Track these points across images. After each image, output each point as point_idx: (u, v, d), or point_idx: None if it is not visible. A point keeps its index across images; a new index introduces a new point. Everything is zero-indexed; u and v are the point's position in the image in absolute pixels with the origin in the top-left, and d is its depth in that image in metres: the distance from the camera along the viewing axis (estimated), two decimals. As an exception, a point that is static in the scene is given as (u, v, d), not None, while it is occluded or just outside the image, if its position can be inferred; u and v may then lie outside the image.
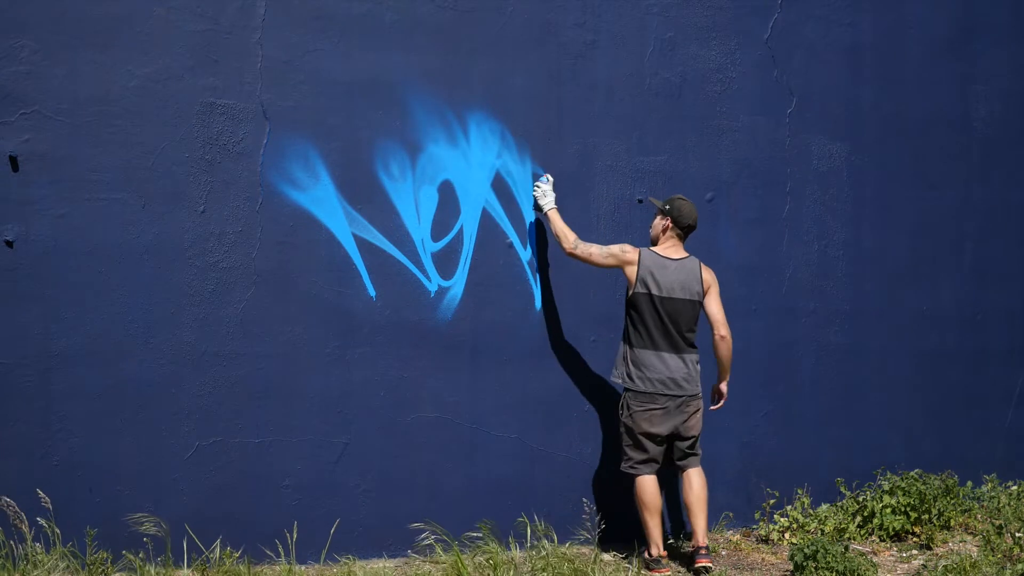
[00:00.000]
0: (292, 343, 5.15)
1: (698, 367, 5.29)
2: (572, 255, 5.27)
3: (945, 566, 5.09)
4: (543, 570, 4.80)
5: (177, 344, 4.98)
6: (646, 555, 5.24)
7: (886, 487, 5.94)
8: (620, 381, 5.30)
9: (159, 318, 4.94)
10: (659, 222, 5.34)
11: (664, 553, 5.24)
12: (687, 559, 5.34)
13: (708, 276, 5.31)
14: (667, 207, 5.29)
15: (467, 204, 5.45)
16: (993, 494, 6.18)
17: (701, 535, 5.21)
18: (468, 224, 5.46)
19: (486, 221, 5.48)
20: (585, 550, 5.28)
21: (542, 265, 5.57)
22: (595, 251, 5.26)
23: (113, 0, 4.87)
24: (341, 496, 5.22)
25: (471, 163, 5.44)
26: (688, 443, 5.28)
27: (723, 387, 5.46)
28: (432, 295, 5.39)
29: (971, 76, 6.58)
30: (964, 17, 6.56)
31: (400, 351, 5.32)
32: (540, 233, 5.57)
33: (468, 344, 5.44)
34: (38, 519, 4.59)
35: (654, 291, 5.16)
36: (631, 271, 5.21)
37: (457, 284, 5.43)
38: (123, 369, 4.90)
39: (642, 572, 5.10)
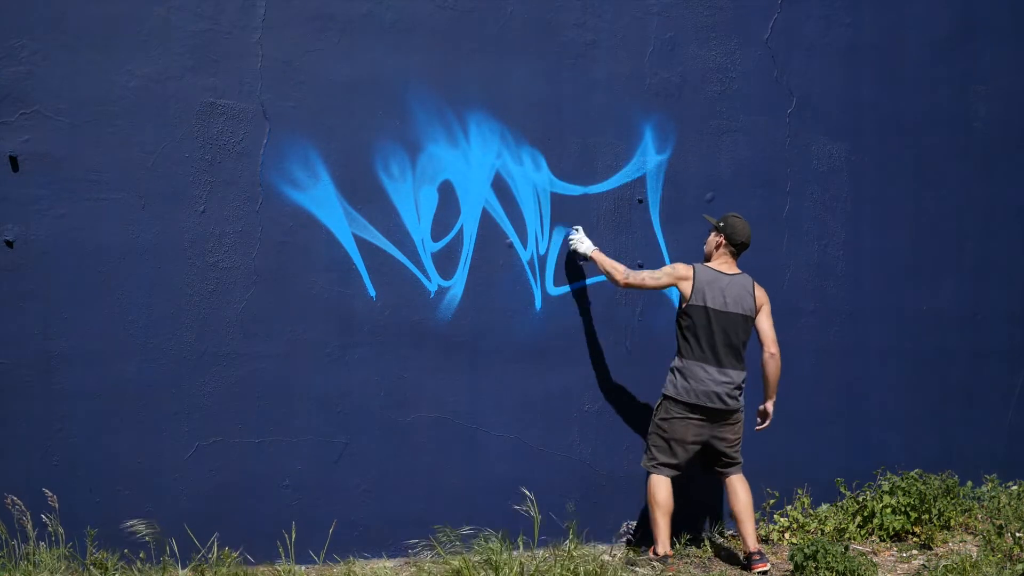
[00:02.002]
0: (292, 343, 5.15)
1: (743, 384, 5.33)
2: (627, 286, 5.35)
3: (945, 566, 5.09)
4: (546, 571, 4.80)
5: (177, 344, 4.98)
6: (651, 553, 5.26)
7: (886, 487, 5.94)
8: (669, 386, 5.31)
9: (159, 318, 4.95)
10: (713, 238, 5.42)
11: (671, 552, 5.25)
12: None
13: (760, 294, 5.37)
14: (721, 224, 5.36)
15: (467, 204, 5.45)
16: (993, 494, 6.18)
17: (752, 540, 5.27)
18: (468, 224, 5.46)
19: (486, 221, 5.48)
20: (586, 550, 5.27)
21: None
22: (647, 276, 5.34)
23: (113, 0, 4.87)
24: (341, 496, 5.22)
25: (471, 163, 5.44)
26: (726, 452, 5.31)
27: (769, 407, 5.45)
28: (432, 295, 5.39)
29: (971, 76, 6.57)
30: (964, 17, 6.55)
31: (400, 351, 5.32)
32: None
33: (468, 344, 5.44)
34: (42, 516, 4.59)
35: (709, 304, 5.21)
36: (686, 285, 5.27)
37: (457, 284, 5.44)
38: (123, 369, 4.90)
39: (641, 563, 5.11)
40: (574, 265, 5.62)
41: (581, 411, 5.66)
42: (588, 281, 5.66)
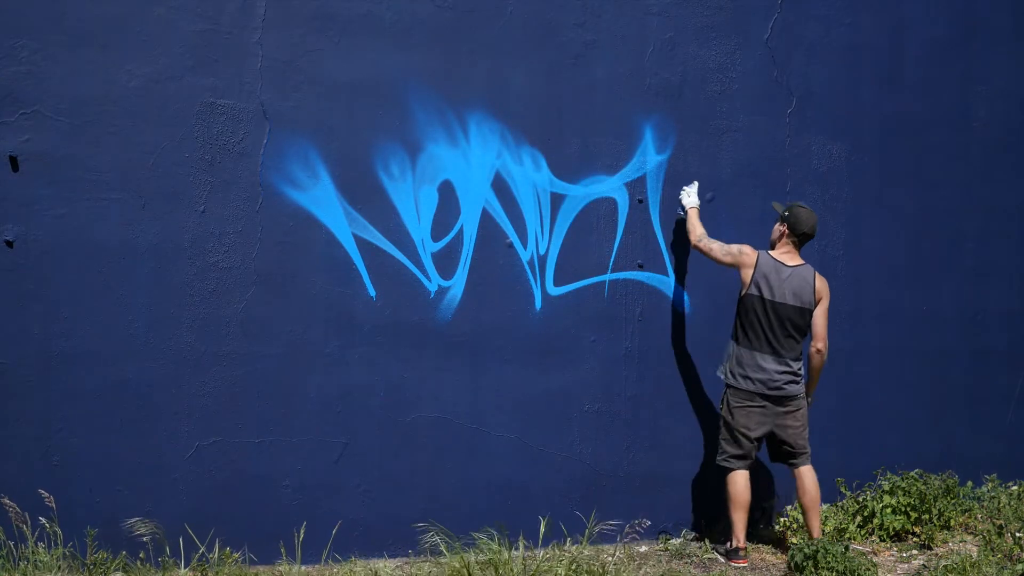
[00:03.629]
0: (292, 343, 5.15)
1: (801, 372, 5.39)
2: (696, 247, 5.52)
3: (945, 566, 5.08)
4: (547, 571, 4.80)
5: (177, 344, 4.98)
6: (727, 546, 5.41)
7: (886, 487, 5.94)
8: (723, 377, 5.43)
9: (159, 318, 4.95)
10: (777, 228, 5.49)
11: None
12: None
13: (821, 286, 5.40)
14: (786, 213, 5.41)
15: (467, 204, 5.45)
16: (993, 494, 6.17)
17: (816, 533, 5.40)
18: (468, 224, 5.46)
19: (486, 221, 5.48)
20: (587, 549, 5.26)
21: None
22: (716, 247, 5.44)
23: (113, 0, 4.87)
24: (341, 496, 5.22)
25: (471, 163, 5.44)
26: (795, 442, 5.37)
27: (809, 399, 5.54)
28: (432, 295, 5.39)
29: (971, 76, 6.57)
30: (964, 17, 6.55)
31: (400, 351, 5.32)
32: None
33: (468, 344, 5.44)
34: (40, 519, 4.58)
35: (766, 295, 5.27)
36: (746, 273, 5.34)
37: (457, 284, 5.43)
38: (123, 369, 4.90)
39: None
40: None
41: (581, 411, 5.66)
42: (587, 281, 5.66)
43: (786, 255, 5.40)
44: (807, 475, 5.41)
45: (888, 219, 6.36)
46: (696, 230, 5.52)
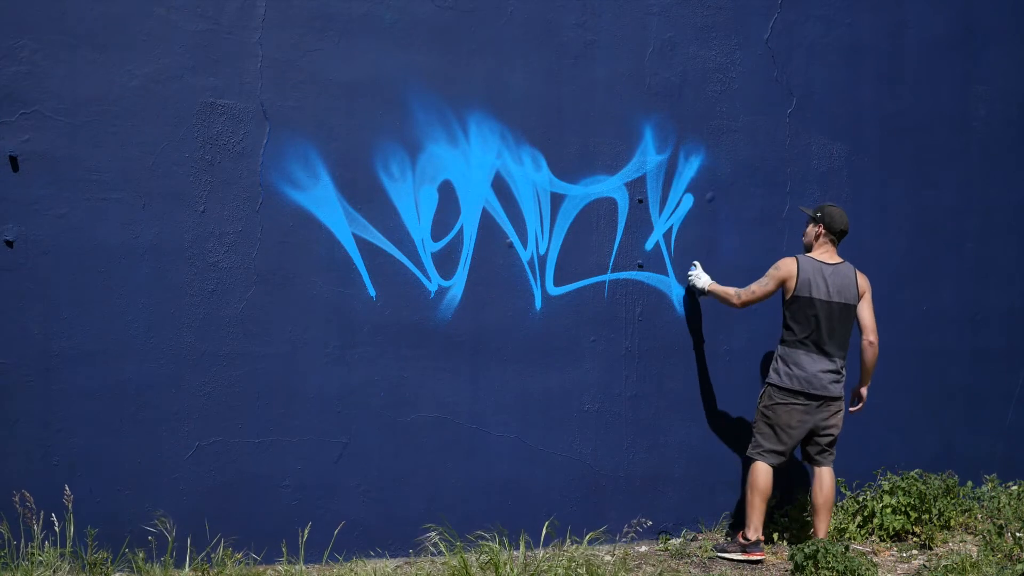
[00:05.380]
0: (292, 343, 5.15)
1: (844, 371, 5.46)
2: (743, 305, 5.51)
3: (945, 566, 5.08)
4: (547, 571, 4.80)
5: (177, 344, 4.98)
6: (741, 539, 5.37)
7: (886, 487, 5.94)
8: (772, 374, 5.43)
9: (159, 318, 4.95)
10: (812, 229, 5.53)
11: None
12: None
13: (863, 282, 5.49)
14: (818, 214, 5.47)
15: (467, 204, 5.45)
16: (993, 494, 6.17)
17: (823, 535, 5.41)
18: (468, 224, 5.45)
19: (486, 221, 5.48)
20: (587, 549, 5.27)
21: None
22: (757, 289, 5.46)
23: (113, 0, 4.87)
24: (341, 496, 5.22)
25: (471, 163, 5.44)
26: (826, 441, 5.42)
27: (864, 391, 5.64)
28: (432, 295, 5.39)
29: (971, 76, 6.57)
30: (964, 17, 6.55)
31: (400, 351, 5.32)
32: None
33: (468, 344, 5.44)
34: (40, 514, 4.59)
35: (815, 295, 5.32)
36: (791, 282, 5.37)
37: (457, 284, 5.43)
38: (123, 369, 4.90)
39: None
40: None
41: (581, 411, 5.66)
42: (587, 281, 5.66)
43: (825, 254, 5.46)
44: (827, 476, 5.45)
45: (888, 219, 6.36)
46: (730, 293, 5.52)
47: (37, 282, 4.78)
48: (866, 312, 5.50)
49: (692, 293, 5.79)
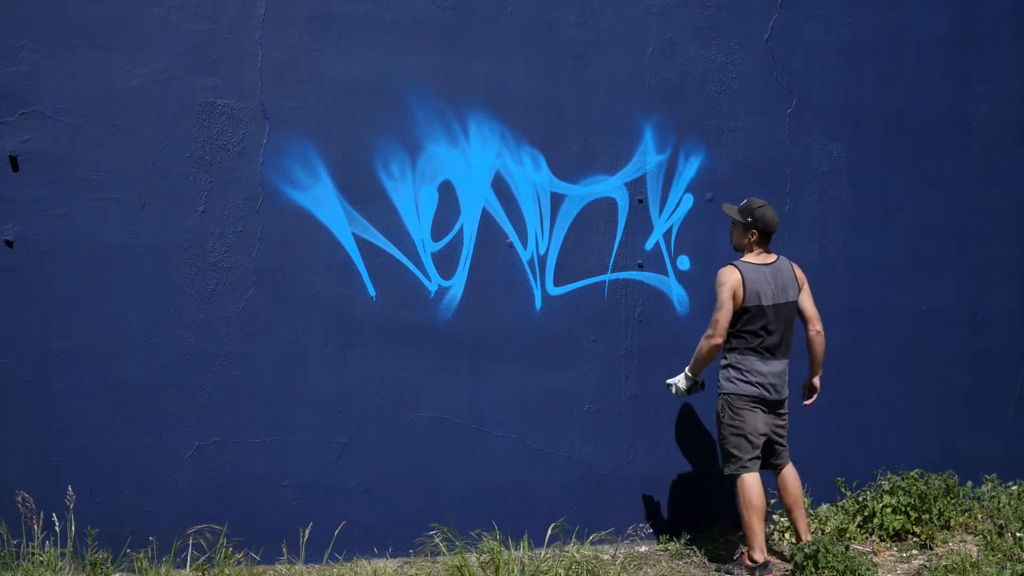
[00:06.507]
0: (292, 343, 5.15)
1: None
2: (723, 335, 5.13)
3: (945, 566, 5.08)
4: (547, 571, 4.80)
5: (177, 344, 4.98)
6: (748, 560, 5.14)
7: (886, 487, 5.94)
8: (727, 384, 5.18)
9: (159, 318, 4.95)
10: (744, 233, 5.24)
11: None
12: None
13: (800, 274, 5.34)
14: (750, 219, 5.18)
15: (467, 204, 5.45)
16: (993, 494, 6.17)
17: (805, 533, 5.30)
18: (468, 224, 5.46)
19: (486, 221, 5.48)
20: (587, 549, 5.27)
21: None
22: (721, 318, 5.12)
23: (113, 0, 4.88)
24: (341, 496, 5.22)
25: (471, 163, 5.44)
26: (780, 443, 5.31)
27: (816, 381, 5.48)
28: (432, 295, 5.39)
29: (971, 76, 6.57)
30: (964, 17, 6.55)
31: (400, 351, 5.32)
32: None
33: (468, 344, 5.44)
34: (52, 516, 4.60)
35: (764, 301, 5.13)
36: (739, 292, 5.12)
37: (457, 284, 5.44)
38: (123, 369, 4.90)
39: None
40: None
41: (581, 411, 5.66)
42: (587, 281, 5.66)
43: (760, 256, 5.23)
44: (790, 474, 5.32)
45: (888, 219, 6.36)
46: (703, 346, 5.17)
47: (37, 282, 4.78)
48: (808, 303, 5.31)
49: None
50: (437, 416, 5.39)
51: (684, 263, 5.83)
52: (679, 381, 5.36)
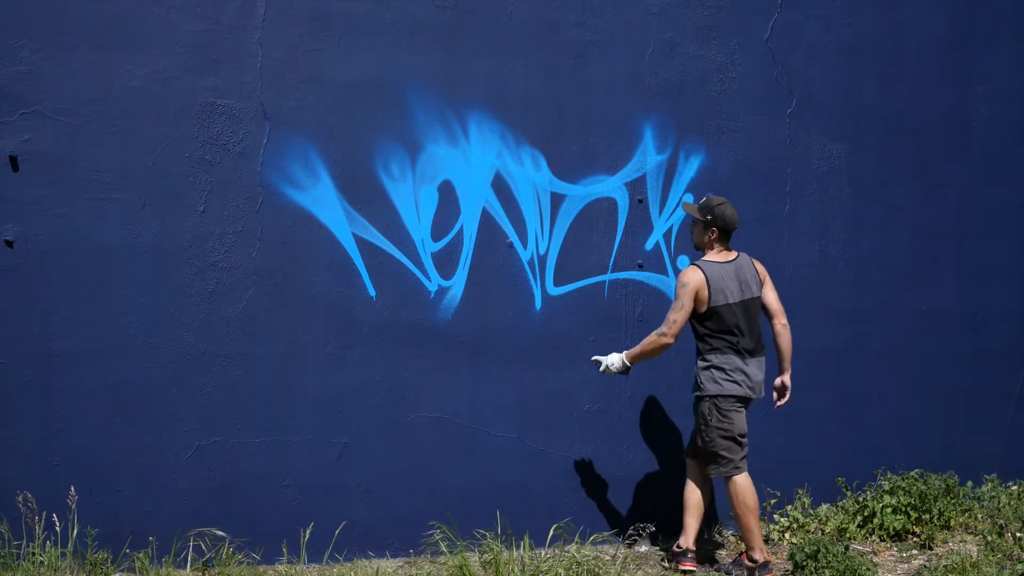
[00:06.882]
0: (292, 343, 5.15)
1: None
2: (674, 337, 5.08)
3: (945, 566, 5.09)
4: (547, 571, 4.80)
5: (177, 344, 4.98)
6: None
7: (886, 487, 5.94)
8: (712, 386, 5.09)
9: (159, 318, 4.95)
10: (704, 231, 5.19)
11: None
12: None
13: (761, 269, 5.29)
14: (709, 217, 5.13)
15: (467, 204, 5.45)
16: (993, 494, 6.17)
17: (759, 547, 5.14)
18: (468, 224, 5.46)
19: (486, 221, 5.48)
20: (587, 549, 5.27)
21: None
22: (678, 317, 5.07)
23: (113, 0, 4.88)
24: (342, 496, 5.22)
25: (471, 163, 5.44)
26: (746, 441, 5.20)
27: (787, 379, 5.35)
28: (432, 295, 5.39)
29: (971, 76, 6.57)
30: (964, 17, 6.55)
31: (400, 351, 5.32)
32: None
33: (468, 344, 5.44)
34: (52, 516, 4.60)
35: (731, 299, 5.07)
36: (703, 293, 5.06)
37: (457, 284, 5.44)
38: (123, 369, 4.90)
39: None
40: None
41: (581, 411, 5.66)
42: (587, 281, 5.66)
43: (721, 254, 5.18)
44: (745, 478, 5.14)
45: (888, 219, 6.36)
46: (652, 339, 5.11)
47: (37, 282, 4.78)
48: (771, 297, 5.25)
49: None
50: (437, 416, 5.39)
51: (684, 263, 5.82)
52: (613, 363, 5.26)
